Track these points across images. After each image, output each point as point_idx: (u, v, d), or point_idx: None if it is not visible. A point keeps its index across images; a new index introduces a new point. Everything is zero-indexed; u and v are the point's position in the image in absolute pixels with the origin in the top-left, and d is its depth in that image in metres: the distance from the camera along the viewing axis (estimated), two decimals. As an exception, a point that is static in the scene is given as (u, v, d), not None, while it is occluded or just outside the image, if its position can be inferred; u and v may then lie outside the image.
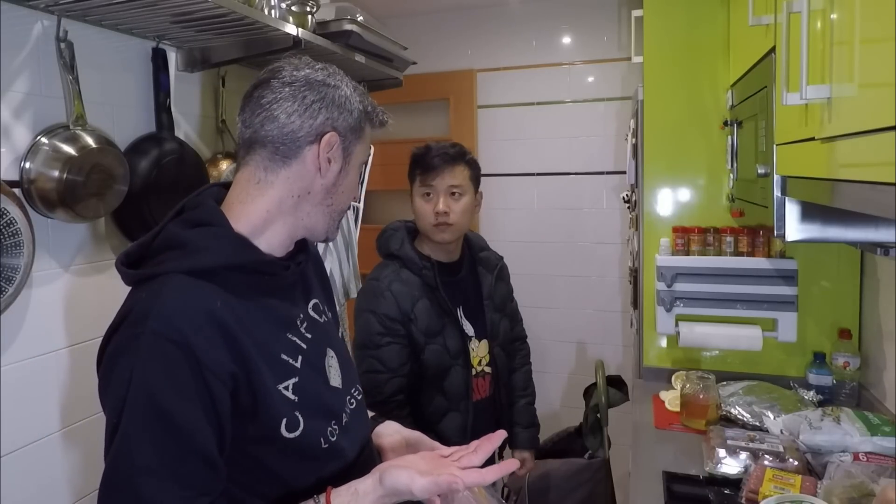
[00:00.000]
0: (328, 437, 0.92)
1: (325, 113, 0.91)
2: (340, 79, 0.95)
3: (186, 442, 0.77)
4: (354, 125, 0.94)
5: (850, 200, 0.79)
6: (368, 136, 0.99)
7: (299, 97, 0.89)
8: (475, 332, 1.73)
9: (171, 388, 0.76)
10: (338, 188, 0.95)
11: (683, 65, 2.06)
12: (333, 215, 0.97)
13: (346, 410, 0.99)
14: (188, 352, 0.77)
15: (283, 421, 0.85)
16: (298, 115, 0.89)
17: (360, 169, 0.99)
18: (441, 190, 1.64)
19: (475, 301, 1.76)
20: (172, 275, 0.82)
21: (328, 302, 1.10)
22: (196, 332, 0.78)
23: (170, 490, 0.75)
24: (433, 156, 1.64)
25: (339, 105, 0.92)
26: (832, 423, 1.45)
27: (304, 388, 0.89)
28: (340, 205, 0.97)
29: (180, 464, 0.76)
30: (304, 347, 0.93)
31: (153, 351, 0.77)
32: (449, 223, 1.64)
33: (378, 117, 0.98)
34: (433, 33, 3.42)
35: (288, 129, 0.89)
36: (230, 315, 0.82)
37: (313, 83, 0.91)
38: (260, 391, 0.83)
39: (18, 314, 1.34)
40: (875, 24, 0.68)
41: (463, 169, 1.66)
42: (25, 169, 1.33)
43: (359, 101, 0.95)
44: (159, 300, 0.79)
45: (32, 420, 1.40)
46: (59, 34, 1.38)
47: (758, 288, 1.88)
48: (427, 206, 1.65)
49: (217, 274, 0.84)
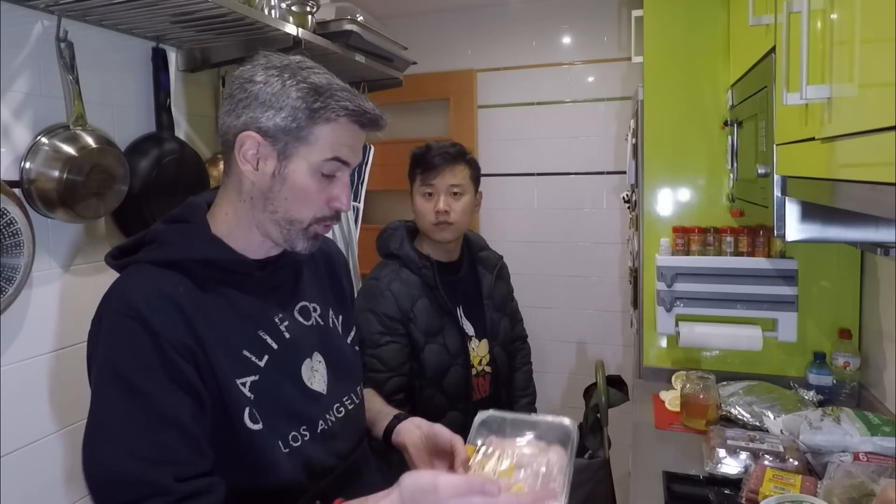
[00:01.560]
0: (289, 442, 0.90)
1: (249, 112, 0.86)
2: (277, 73, 0.86)
3: (156, 409, 0.78)
4: (286, 125, 0.85)
5: (851, 200, 0.79)
6: (326, 139, 0.87)
7: (233, 97, 0.88)
8: (475, 331, 1.73)
9: (133, 359, 0.79)
10: (277, 194, 0.87)
11: (683, 65, 2.06)
12: (283, 224, 0.89)
13: (325, 417, 0.96)
14: (146, 326, 0.79)
15: (245, 410, 0.85)
16: (227, 115, 0.89)
17: (316, 176, 0.88)
18: (441, 189, 1.64)
19: (475, 300, 1.76)
20: (141, 264, 0.87)
21: (337, 306, 1.08)
22: (154, 311, 0.80)
23: (144, 456, 0.76)
24: (434, 155, 1.65)
25: (262, 102, 0.85)
26: (832, 423, 1.45)
27: (265, 387, 0.88)
28: (289, 213, 0.89)
29: (151, 433, 0.77)
30: (274, 348, 0.91)
31: (114, 328, 0.81)
32: (449, 222, 1.64)
33: (329, 115, 0.86)
34: (433, 33, 3.42)
35: (223, 131, 0.90)
36: (191, 302, 0.84)
37: (245, 81, 0.87)
38: (219, 376, 0.83)
39: (18, 314, 1.35)
40: (875, 24, 0.68)
41: (463, 168, 1.67)
42: (25, 169, 1.33)
43: (297, 97, 0.85)
44: (122, 284, 0.85)
45: (32, 420, 1.40)
46: (59, 34, 1.38)
47: (758, 288, 1.88)
48: (427, 205, 1.65)
49: (185, 267, 0.87)
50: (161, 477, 0.75)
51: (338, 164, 0.89)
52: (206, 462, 0.81)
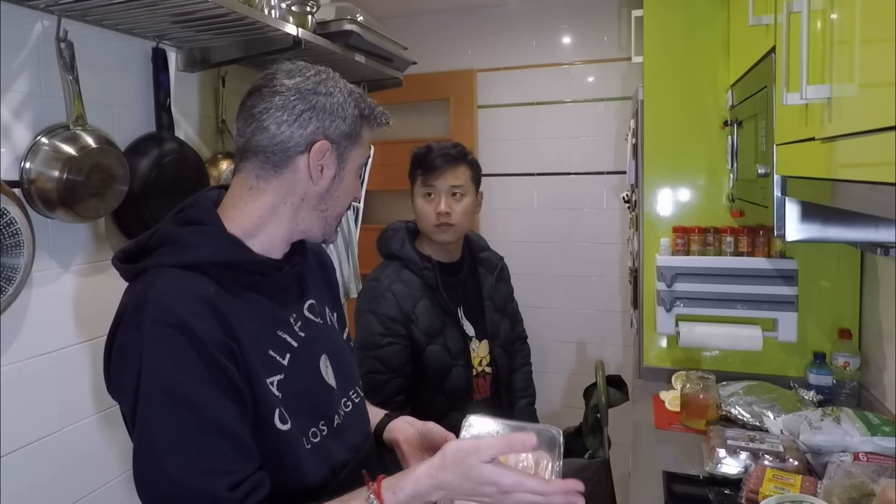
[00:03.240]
0: (310, 438, 0.91)
1: (316, 122, 0.90)
2: (333, 84, 0.93)
3: (205, 419, 0.78)
4: (349, 131, 0.93)
5: (851, 200, 0.79)
6: (367, 140, 0.98)
7: (289, 107, 0.89)
8: (476, 332, 1.73)
9: (179, 369, 0.78)
10: (332, 194, 0.95)
11: (683, 65, 2.06)
12: (329, 220, 0.97)
13: (339, 412, 0.99)
14: (188, 332, 0.79)
15: (276, 411, 0.86)
16: (288, 126, 0.89)
17: (358, 172, 0.98)
18: (443, 190, 1.63)
19: (476, 301, 1.76)
20: (164, 268, 0.85)
21: (331, 303, 1.10)
22: (192, 314, 0.80)
23: (196, 467, 0.77)
24: (435, 156, 1.63)
25: (330, 113, 0.91)
26: (832, 423, 1.45)
27: (290, 386, 0.89)
28: (336, 209, 0.97)
29: (203, 442, 0.78)
30: (294, 346, 0.93)
31: (155, 337, 0.79)
32: (450, 223, 1.64)
33: (377, 119, 0.97)
34: (433, 33, 3.42)
35: (278, 140, 0.90)
36: (223, 304, 0.84)
37: (304, 92, 0.90)
38: (253, 376, 0.84)
39: (18, 314, 1.35)
40: (875, 24, 0.68)
41: (465, 169, 1.66)
42: (25, 169, 1.33)
43: (353, 105, 0.94)
44: (153, 290, 0.82)
45: (32, 420, 1.40)
46: (59, 34, 1.38)
47: (758, 288, 1.88)
48: (428, 206, 1.65)
49: (207, 270, 0.86)
50: (215, 488, 0.76)
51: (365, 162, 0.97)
52: (255, 462, 0.82)
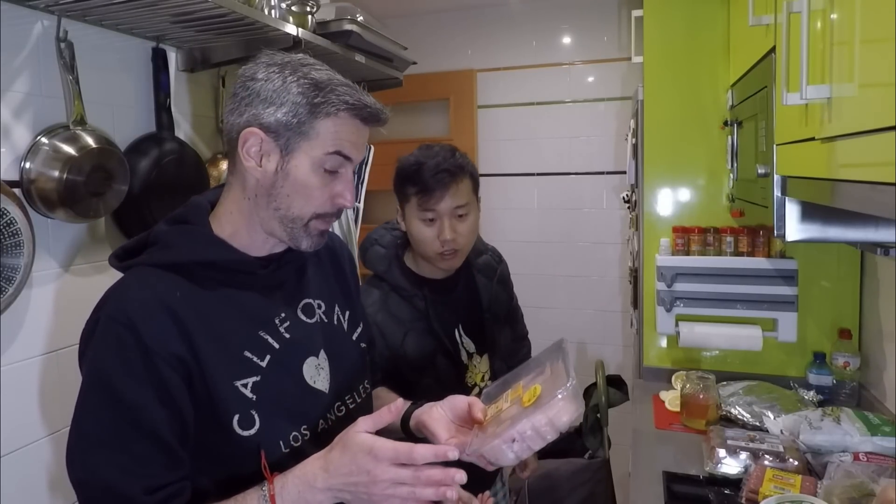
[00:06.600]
0: (290, 442, 0.90)
1: (251, 109, 0.87)
2: (278, 71, 0.87)
3: (137, 421, 0.79)
4: (288, 120, 0.86)
5: (851, 200, 0.79)
6: (326, 133, 0.87)
7: (235, 95, 0.90)
8: (476, 347, 1.58)
9: (121, 368, 0.80)
10: (279, 190, 0.88)
11: (683, 65, 2.06)
12: (287, 222, 0.90)
13: (326, 417, 0.97)
14: (136, 336, 0.80)
15: (234, 417, 0.85)
16: (230, 114, 0.90)
17: (319, 171, 0.89)
18: (445, 213, 1.38)
19: (475, 314, 1.60)
20: (142, 267, 0.87)
21: (343, 301, 1.08)
22: (146, 319, 0.81)
23: (118, 464, 0.78)
24: (431, 174, 1.36)
25: (263, 99, 0.86)
26: (832, 423, 1.45)
27: (267, 388, 0.88)
28: (292, 210, 0.89)
29: (131, 442, 0.79)
30: (276, 347, 0.91)
31: (106, 334, 0.82)
32: (457, 249, 1.42)
33: (328, 108, 0.86)
34: (433, 33, 3.43)
35: (227, 129, 0.91)
36: (189, 308, 0.84)
37: (247, 79, 0.88)
38: (211, 383, 0.84)
39: (18, 314, 1.34)
40: (875, 24, 0.68)
41: (466, 183, 1.41)
42: (25, 169, 1.33)
43: (297, 93, 0.86)
44: (119, 289, 0.85)
45: (32, 420, 1.40)
46: (59, 34, 1.38)
47: (758, 288, 1.88)
48: (429, 231, 1.40)
49: (187, 269, 0.87)
50: (132, 490, 0.78)
51: (340, 160, 0.90)
52: (180, 472, 0.82)
